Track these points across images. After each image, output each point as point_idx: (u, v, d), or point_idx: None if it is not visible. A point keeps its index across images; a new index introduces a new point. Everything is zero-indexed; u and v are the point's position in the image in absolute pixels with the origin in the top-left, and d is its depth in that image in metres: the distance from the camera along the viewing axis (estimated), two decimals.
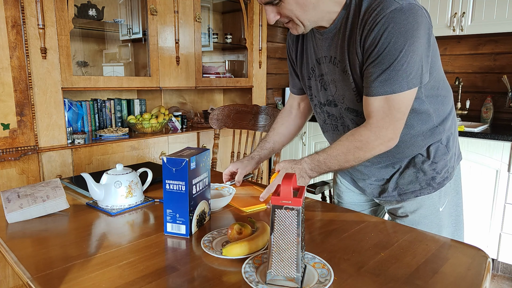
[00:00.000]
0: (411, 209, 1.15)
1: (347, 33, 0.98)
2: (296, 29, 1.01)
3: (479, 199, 2.37)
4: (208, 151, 1.02)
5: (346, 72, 1.02)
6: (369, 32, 0.92)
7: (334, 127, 1.18)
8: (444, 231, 1.15)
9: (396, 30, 0.88)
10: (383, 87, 0.93)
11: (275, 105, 3.63)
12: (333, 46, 1.04)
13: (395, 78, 0.92)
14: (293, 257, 0.70)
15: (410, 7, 0.88)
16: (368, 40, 0.92)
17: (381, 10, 0.89)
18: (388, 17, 0.88)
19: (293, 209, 0.70)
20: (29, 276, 0.75)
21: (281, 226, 0.70)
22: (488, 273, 0.78)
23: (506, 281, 2.37)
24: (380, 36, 0.90)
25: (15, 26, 1.80)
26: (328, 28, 1.02)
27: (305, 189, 0.77)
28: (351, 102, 1.06)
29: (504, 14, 2.37)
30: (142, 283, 0.72)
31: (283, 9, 0.96)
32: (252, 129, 1.83)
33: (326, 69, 1.09)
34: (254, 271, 0.76)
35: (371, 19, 0.91)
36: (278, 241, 0.71)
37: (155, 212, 1.11)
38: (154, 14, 2.37)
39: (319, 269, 0.76)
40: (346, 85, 1.04)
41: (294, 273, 0.70)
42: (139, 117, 2.49)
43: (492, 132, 2.30)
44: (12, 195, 1.08)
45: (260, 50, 3.12)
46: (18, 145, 1.87)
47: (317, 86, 1.16)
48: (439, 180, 1.12)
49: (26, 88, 1.87)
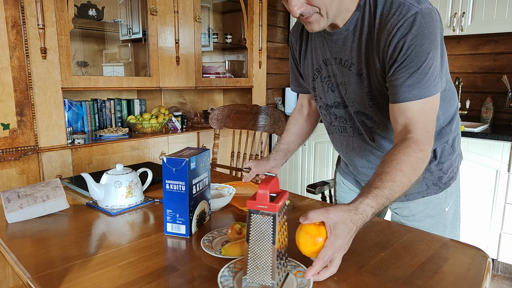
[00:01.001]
0: (417, 209, 1.15)
1: (363, 36, 0.96)
2: (319, 22, 0.93)
3: (479, 199, 2.37)
4: (208, 151, 1.02)
5: (361, 76, 0.99)
6: (391, 36, 0.89)
7: (342, 129, 1.15)
8: (447, 230, 1.16)
9: (420, 33, 0.87)
10: (415, 90, 0.89)
11: (275, 105, 3.63)
12: (345, 48, 1.00)
13: (425, 81, 0.89)
14: (268, 264, 0.67)
15: (428, 11, 0.87)
16: (391, 45, 0.89)
17: (400, 14, 0.88)
18: (409, 20, 0.87)
19: (269, 214, 0.66)
20: (29, 276, 0.75)
21: (256, 231, 0.67)
22: (488, 273, 0.78)
23: (506, 281, 2.37)
24: (404, 40, 0.87)
25: (15, 26, 1.80)
26: (339, 28, 0.99)
27: (287, 194, 0.73)
28: (362, 106, 1.04)
29: (504, 14, 2.37)
30: (142, 283, 0.72)
31: None
32: (252, 129, 1.83)
33: (336, 71, 1.06)
34: (232, 276, 0.73)
35: (391, 23, 0.89)
36: (253, 247, 0.68)
37: (155, 212, 1.11)
38: (154, 14, 2.37)
39: (299, 278, 0.73)
40: (359, 88, 1.02)
41: (269, 281, 0.67)
42: (139, 117, 2.49)
43: (492, 132, 2.30)
44: (12, 195, 1.08)
45: (260, 50, 3.12)
46: (18, 145, 1.87)
47: (323, 88, 1.12)
48: (445, 180, 1.12)
49: (26, 88, 1.87)
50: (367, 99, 1.02)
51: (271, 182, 0.69)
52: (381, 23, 0.91)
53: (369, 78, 0.98)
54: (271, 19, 3.45)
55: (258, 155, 1.85)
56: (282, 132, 1.39)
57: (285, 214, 0.73)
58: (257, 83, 3.17)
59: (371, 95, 1.00)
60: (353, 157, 1.19)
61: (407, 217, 1.17)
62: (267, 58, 3.37)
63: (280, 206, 0.68)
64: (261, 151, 1.81)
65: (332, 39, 1.02)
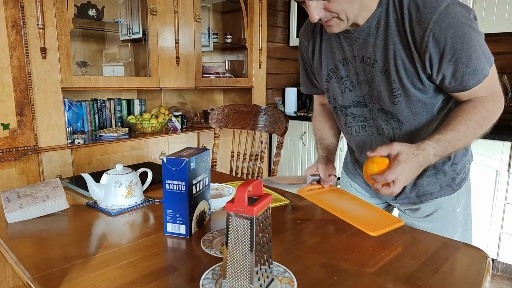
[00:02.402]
0: (429, 210, 1.14)
1: (389, 31, 0.94)
2: (339, 25, 0.93)
3: (479, 199, 2.37)
4: (208, 151, 1.02)
5: (386, 73, 0.98)
6: (428, 31, 0.88)
7: (361, 128, 1.12)
8: (458, 231, 1.15)
9: (458, 22, 0.87)
10: (476, 76, 0.91)
11: (275, 105, 3.63)
12: (367, 45, 0.99)
13: (479, 64, 0.90)
14: (246, 269, 0.66)
15: (455, 1, 0.88)
16: (431, 40, 0.88)
17: (432, 7, 0.87)
18: (444, 13, 0.86)
19: (247, 218, 0.65)
20: (29, 276, 0.75)
21: (235, 235, 0.66)
22: (488, 273, 0.78)
23: (506, 281, 2.37)
24: (446, 33, 0.87)
25: (15, 26, 1.80)
26: (360, 26, 0.97)
27: (270, 198, 0.71)
28: (386, 104, 1.02)
29: (504, 14, 2.37)
30: (142, 283, 0.72)
31: (333, 1, 0.88)
32: (252, 129, 1.83)
33: (358, 69, 1.04)
34: (215, 279, 0.73)
35: (425, 17, 0.88)
36: (232, 251, 0.67)
37: (155, 212, 1.11)
38: (154, 14, 2.37)
39: (284, 284, 0.72)
40: (384, 86, 1.00)
41: (248, 286, 0.66)
42: (139, 117, 2.49)
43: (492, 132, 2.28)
44: (12, 195, 1.08)
45: (260, 50, 3.12)
46: (18, 145, 1.87)
47: (339, 88, 1.10)
48: (458, 181, 1.12)
49: (26, 88, 1.87)
50: (392, 96, 1.00)
51: (250, 184, 0.67)
52: (411, 18, 0.90)
53: (397, 74, 0.96)
54: (271, 19, 3.45)
55: (258, 155, 1.85)
56: (283, 133, 1.37)
57: (268, 218, 0.71)
58: (257, 83, 3.17)
59: (399, 92, 0.99)
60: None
61: (419, 218, 1.16)
62: (267, 58, 3.37)
63: (259, 210, 0.66)
64: (261, 151, 1.81)
65: (352, 37, 1.01)
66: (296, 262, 0.81)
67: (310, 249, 0.87)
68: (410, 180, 0.88)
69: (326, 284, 0.72)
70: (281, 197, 1.23)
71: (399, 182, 0.86)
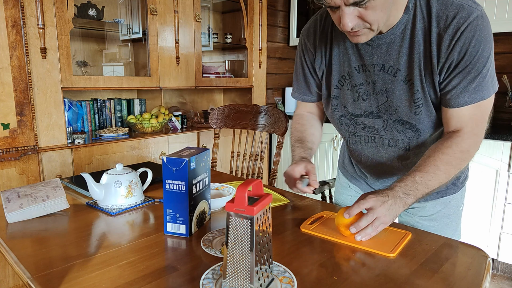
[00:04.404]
0: (435, 209, 1.14)
1: (416, 39, 0.91)
2: (367, 35, 0.89)
3: (479, 199, 2.37)
4: (208, 151, 1.02)
5: (409, 82, 0.94)
6: (454, 41, 0.86)
7: (370, 139, 1.09)
8: (458, 228, 1.17)
9: (482, 37, 0.85)
10: (472, 95, 0.90)
11: (275, 105, 3.63)
12: (390, 53, 0.95)
13: (483, 84, 0.89)
14: (247, 269, 0.66)
15: (485, 13, 0.87)
16: (454, 50, 0.87)
17: (462, 18, 0.85)
18: (473, 24, 0.84)
19: (247, 218, 0.65)
20: (29, 276, 0.74)
21: (235, 234, 0.66)
22: (488, 273, 0.78)
23: (506, 281, 2.37)
24: (468, 45, 0.86)
25: (15, 26, 1.80)
26: (383, 33, 0.93)
27: (270, 198, 0.71)
28: (405, 114, 0.99)
29: (504, 14, 2.37)
30: (142, 283, 0.72)
31: (369, 9, 0.82)
32: (252, 129, 1.83)
33: (375, 77, 0.99)
34: (215, 279, 0.72)
35: (453, 27, 0.86)
36: (232, 251, 0.67)
37: (155, 212, 1.11)
38: (154, 14, 2.37)
39: (284, 284, 0.72)
40: (405, 95, 0.96)
41: (248, 286, 0.66)
42: (139, 117, 2.49)
43: (492, 132, 2.30)
44: (12, 195, 1.08)
45: (260, 50, 3.12)
46: (18, 145, 1.87)
47: (352, 96, 1.05)
48: (462, 179, 1.14)
49: (26, 88, 1.87)
50: (414, 107, 0.97)
51: (250, 184, 0.67)
52: (439, 26, 0.88)
53: (421, 83, 0.94)
54: (271, 19, 3.45)
55: (258, 155, 1.85)
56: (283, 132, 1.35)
57: (268, 218, 0.71)
58: (257, 83, 3.17)
59: (421, 102, 0.96)
60: (377, 168, 1.14)
61: (423, 217, 1.16)
62: (267, 58, 3.37)
63: (259, 210, 0.66)
64: (261, 150, 1.81)
65: (373, 44, 0.96)
66: (296, 262, 0.81)
67: (310, 249, 0.87)
68: (390, 216, 0.87)
69: (326, 284, 0.72)
70: (281, 196, 1.24)
71: (379, 218, 0.86)
